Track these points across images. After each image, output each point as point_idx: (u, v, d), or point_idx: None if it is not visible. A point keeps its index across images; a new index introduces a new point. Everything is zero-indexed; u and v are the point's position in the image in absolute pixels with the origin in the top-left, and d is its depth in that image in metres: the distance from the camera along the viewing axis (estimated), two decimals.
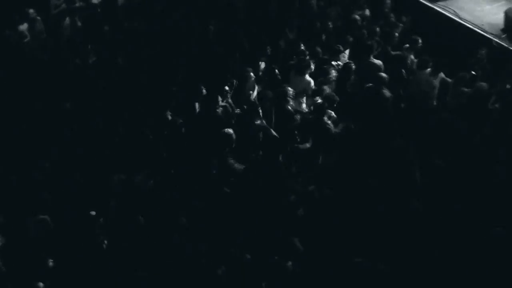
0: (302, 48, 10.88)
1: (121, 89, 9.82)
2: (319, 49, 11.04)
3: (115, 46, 10.50)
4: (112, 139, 8.94)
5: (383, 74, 10.07)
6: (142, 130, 8.96)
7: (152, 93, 9.82)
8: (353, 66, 10.47)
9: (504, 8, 12.05)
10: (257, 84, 10.19)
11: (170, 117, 9.13)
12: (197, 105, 9.51)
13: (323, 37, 11.50)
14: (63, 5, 11.30)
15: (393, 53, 11.10)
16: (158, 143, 8.83)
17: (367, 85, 10.00)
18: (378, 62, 10.57)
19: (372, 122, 9.62)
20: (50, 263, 7.30)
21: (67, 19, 10.90)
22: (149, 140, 8.87)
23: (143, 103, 9.56)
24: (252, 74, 9.99)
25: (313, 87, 10.31)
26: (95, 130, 9.11)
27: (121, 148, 8.89)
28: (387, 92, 9.90)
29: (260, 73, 10.55)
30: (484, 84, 10.44)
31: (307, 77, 10.27)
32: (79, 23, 10.94)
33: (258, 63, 10.61)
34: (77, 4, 11.18)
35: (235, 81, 9.79)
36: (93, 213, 7.66)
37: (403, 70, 10.44)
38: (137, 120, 9.24)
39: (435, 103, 10.60)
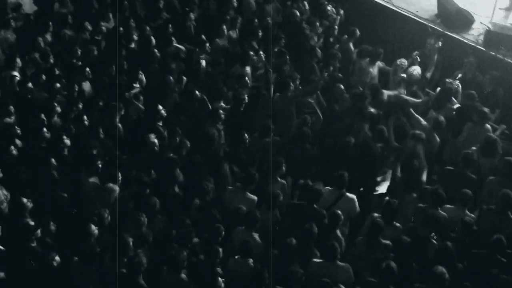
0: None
1: (64, 99, 9.64)
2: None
3: (54, 55, 10.27)
4: (60, 152, 8.77)
5: None
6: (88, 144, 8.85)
7: (96, 101, 9.72)
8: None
9: None
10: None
11: (121, 126, 9.18)
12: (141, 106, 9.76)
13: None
14: None
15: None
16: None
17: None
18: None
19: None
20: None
21: (2, 31, 10.60)
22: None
23: (88, 113, 9.42)
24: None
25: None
26: (39, 144, 8.92)
27: (69, 160, 8.79)
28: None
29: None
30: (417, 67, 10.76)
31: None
32: (14, 34, 10.66)
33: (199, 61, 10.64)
34: (10, 15, 10.87)
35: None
36: None
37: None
38: (82, 132, 9.12)
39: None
